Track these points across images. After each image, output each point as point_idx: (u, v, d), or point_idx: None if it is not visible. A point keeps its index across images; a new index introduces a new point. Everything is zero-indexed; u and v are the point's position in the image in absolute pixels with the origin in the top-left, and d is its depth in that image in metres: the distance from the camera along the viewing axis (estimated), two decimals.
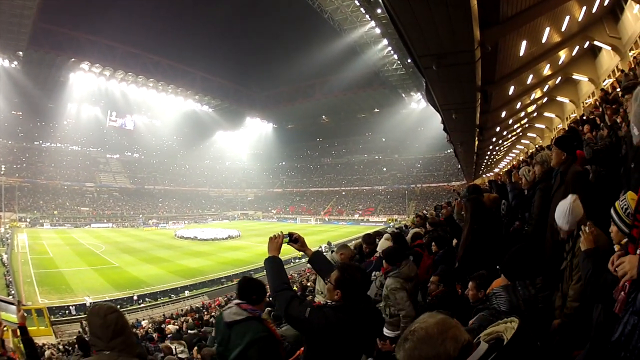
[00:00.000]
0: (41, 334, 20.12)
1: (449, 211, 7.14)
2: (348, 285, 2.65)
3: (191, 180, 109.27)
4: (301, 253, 3.41)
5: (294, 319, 2.58)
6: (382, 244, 6.12)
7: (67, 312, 25.93)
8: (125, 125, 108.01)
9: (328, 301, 2.85)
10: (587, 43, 15.79)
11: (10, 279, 29.78)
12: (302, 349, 3.15)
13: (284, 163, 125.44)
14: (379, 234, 7.54)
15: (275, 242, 3.00)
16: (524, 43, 11.09)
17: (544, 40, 12.13)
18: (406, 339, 1.29)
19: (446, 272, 4.85)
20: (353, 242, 9.77)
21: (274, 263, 2.87)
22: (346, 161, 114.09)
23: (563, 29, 12.48)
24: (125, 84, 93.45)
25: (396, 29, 7.32)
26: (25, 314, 4.24)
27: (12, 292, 26.78)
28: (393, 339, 4.16)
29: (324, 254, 4.05)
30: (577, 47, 15.95)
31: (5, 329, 4.15)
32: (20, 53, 68.07)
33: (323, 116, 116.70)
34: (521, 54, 11.65)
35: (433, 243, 6.08)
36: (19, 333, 4.03)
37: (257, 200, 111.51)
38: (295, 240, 3.19)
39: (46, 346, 17.10)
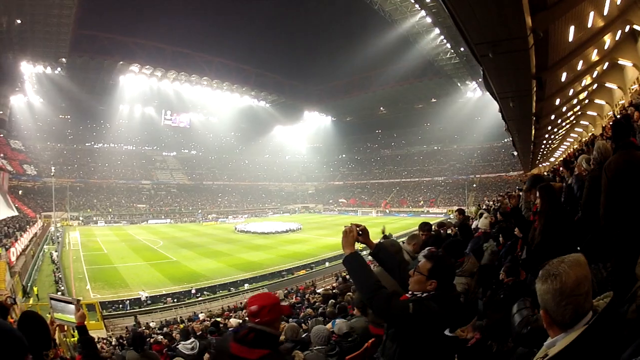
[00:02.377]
0: (91, 328, 19.83)
1: (515, 202, 7.00)
2: (443, 273, 2.56)
3: (250, 175, 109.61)
4: (362, 245, 3.04)
5: (398, 317, 2.38)
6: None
7: (120, 306, 25.38)
8: (181, 123, 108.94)
9: (416, 293, 2.58)
10: (628, 27, 15.24)
11: (60, 276, 29.01)
12: (370, 341, 3.51)
13: (343, 155, 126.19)
14: (442, 225, 8.34)
15: (351, 237, 2.72)
16: (571, 28, 11.23)
17: (589, 25, 12.06)
18: (546, 279, 1.45)
19: (514, 263, 4.70)
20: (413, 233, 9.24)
21: (357, 261, 2.55)
22: (406, 152, 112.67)
23: (605, 12, 12.20)
24: (179, 83, 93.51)
25: (451, 15, 7.26)
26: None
27: (62, 288, 26.08)
28: None
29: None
30: (619, 32, 15.48)
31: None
32: (64, 60, 68.76)
33: (381, 107, 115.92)
34: (570, 39, 11.75)
35: (500, 235, 6.34)
36: (76, 333, 4.19)
37: (317, 193, 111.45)
38: (359, 232, 2.85)
39: (96, 339, 16.49)
